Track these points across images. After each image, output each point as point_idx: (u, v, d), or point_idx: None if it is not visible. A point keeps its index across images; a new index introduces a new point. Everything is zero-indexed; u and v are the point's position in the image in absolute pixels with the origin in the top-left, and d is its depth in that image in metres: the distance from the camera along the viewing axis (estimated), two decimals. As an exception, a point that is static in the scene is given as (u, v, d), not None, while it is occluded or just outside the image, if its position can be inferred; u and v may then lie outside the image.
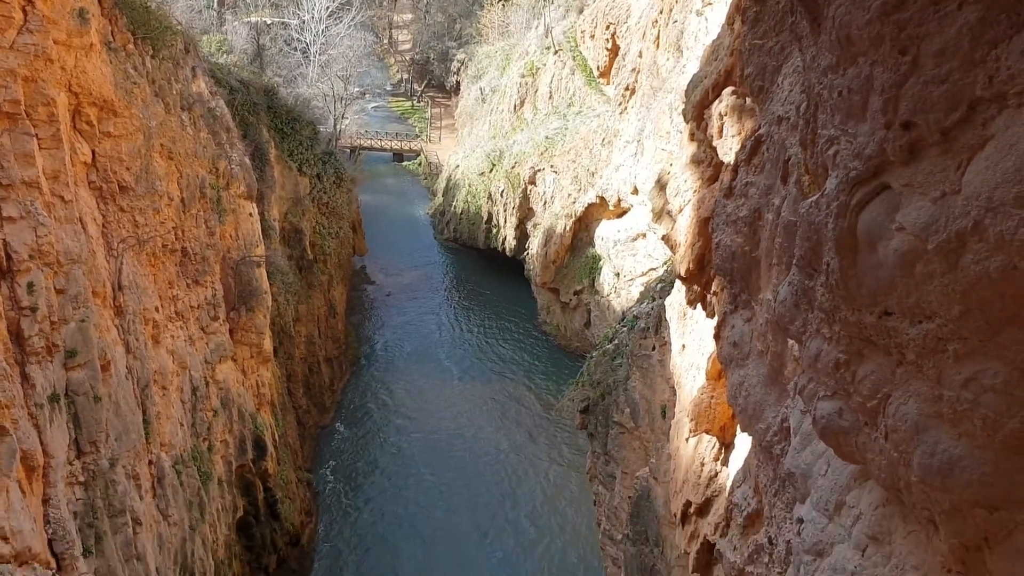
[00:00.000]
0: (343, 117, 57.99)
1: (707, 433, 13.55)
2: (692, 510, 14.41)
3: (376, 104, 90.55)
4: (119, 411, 19.93)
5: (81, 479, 18.67)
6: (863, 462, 4.40)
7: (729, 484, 11.21)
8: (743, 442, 11.64)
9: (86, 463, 18.82)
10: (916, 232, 3.40)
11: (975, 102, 3.13)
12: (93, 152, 20.03)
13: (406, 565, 32.44)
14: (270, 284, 31.69)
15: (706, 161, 11.59)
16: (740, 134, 9.41)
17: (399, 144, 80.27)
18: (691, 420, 13.74)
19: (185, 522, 23.51)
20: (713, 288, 11.69)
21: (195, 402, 25.26)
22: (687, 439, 14.28)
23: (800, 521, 5.40)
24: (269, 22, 58.47)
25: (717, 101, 10.10)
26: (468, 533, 34.12)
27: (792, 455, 5.81)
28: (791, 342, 6.30)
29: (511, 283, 55.16)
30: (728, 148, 9.65)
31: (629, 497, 18.70)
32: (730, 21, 10.22)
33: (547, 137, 51.68)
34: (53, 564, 17.24)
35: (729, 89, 9.88)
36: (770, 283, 6.68)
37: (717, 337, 8.87)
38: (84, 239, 18.74)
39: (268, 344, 31.12)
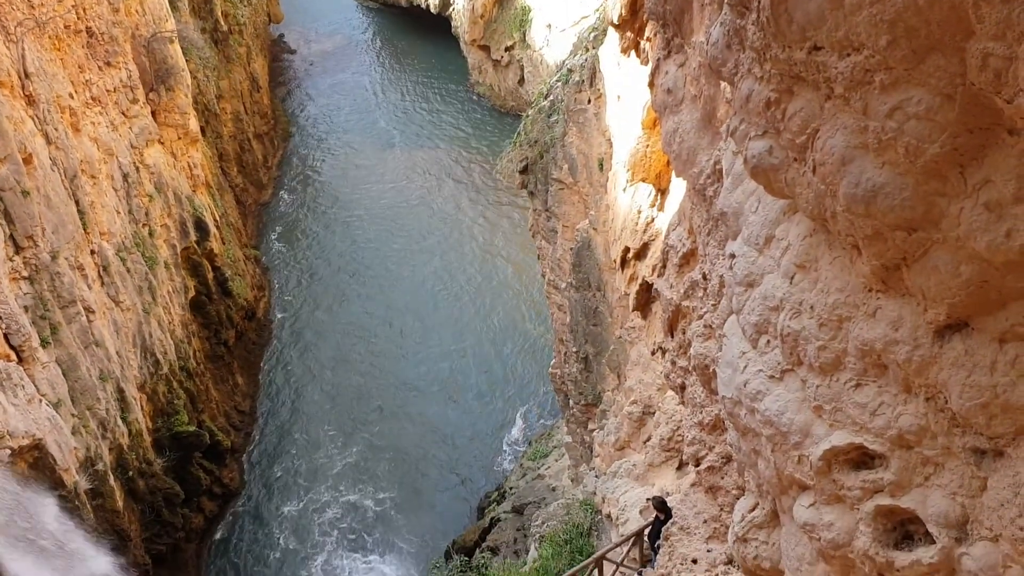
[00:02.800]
0: None
1: (643, 182, 13.84)
2: (631, 255, 15.01)
3: None
4: (50, 203, 19.51)
5: (25, 274, 18.60)
6: (792, 197, 4.60)
7: (665, 228, 11.61)
8: (678, 188, 11.93)
9: (26, 258, 18.68)
10: (847, -39, 3.36)
11: None
12: (-34, -77, 18.18)
13: (366, 315, 33.92)
14: (187, 61, 30.16)
15: None
16: None
17: None
18: (628, 170, 13.97)
19: (138, 306, 23.84)
20: (646, 34, 11.48)
21: (128, 188, 24.80)
22: (624, 189, 14.58)
23: (732, 256, 5.70)
24: None
25: None
26: (422, 282, 35.54)
27: (724, 195, 6.02)
28: (724, 85, 6.33)
29: (439, 43, 53.10)
30: None
31: (571, 249, 19.30)
32: None
33: None
34: (13, 357, 17.57)
35: None
36: (703, 25, 6.59)
37: (651, 85, 8.84)
38: (-24, 23, 17.45)
39: (194, 124, 30.15)
